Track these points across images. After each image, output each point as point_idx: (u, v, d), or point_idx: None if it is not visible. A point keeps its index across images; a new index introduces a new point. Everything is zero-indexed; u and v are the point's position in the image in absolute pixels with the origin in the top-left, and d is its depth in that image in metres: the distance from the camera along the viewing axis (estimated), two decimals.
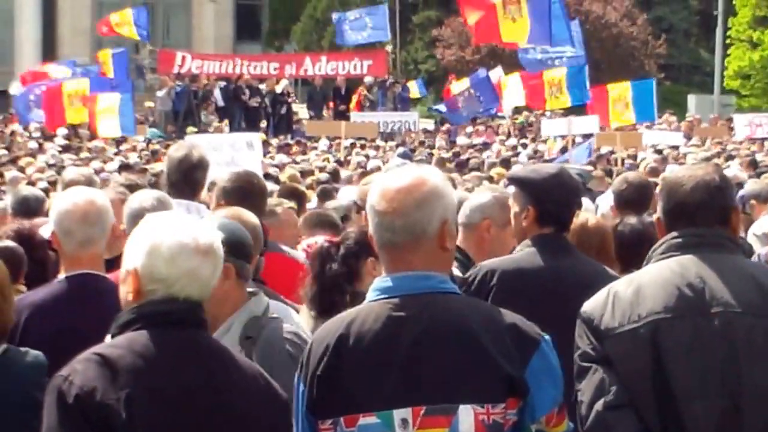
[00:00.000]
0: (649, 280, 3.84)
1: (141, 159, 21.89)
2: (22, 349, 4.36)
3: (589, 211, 7.83)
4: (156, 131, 31.18)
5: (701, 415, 3.71)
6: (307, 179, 15.27)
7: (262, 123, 32.72)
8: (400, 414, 3.31)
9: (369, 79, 35.05)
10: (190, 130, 28.82)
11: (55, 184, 12.82)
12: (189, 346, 3.41)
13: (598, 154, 21.68)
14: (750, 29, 43.31)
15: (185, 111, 32.70)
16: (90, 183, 7.79)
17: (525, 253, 5.23)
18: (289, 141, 29.22)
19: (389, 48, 37.12)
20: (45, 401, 3.32)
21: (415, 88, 37.27)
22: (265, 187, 6.78)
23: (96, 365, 3.28)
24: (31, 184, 13.24)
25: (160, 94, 33.40)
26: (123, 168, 17.79)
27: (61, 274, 4.94)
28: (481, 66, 34.67)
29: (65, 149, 24.95)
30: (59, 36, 47.95)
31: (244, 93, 33.10)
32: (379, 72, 35.58)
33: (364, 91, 34.53)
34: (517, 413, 3.35)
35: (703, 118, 35.08)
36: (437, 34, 44.78)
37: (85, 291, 4.80)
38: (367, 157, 22.64)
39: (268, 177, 12.89)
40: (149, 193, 6.35)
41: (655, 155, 21.14)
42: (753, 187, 10.38)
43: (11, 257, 5.43)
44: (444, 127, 34.99)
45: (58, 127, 27.38)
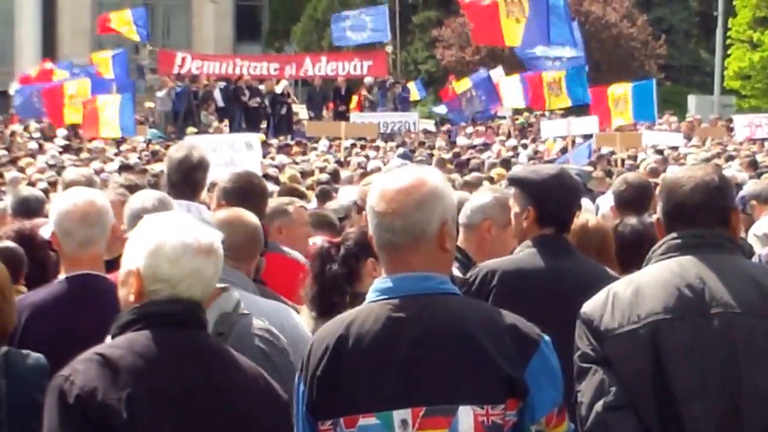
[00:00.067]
0: (648, 281, 3.84)
1: (141, 159, 21.89)
2: (23, 351, 4.36)
3: (589, 212, 7.83)
4: (156, 132, 31.15)
5: (701, 416, 3.71)
6: (307, 180, 15.27)
7: (262, 124, 32.71)
8: (399, 415, 3.31)
9: (369, 79, 35.04)
10: (190, 130, 28.81)
11: (56, 185, 12.83)
12: (190, 347, 3.41)
13: (599, 155, 21.67)
14: (750, 30, 43.29)
15: (185, 111, 32.66)
16: (90, 183, 7.78)
17: (525, 253, 5.23)
18: (289, 141, 29.21)
19: (389, 48, 37.08)
20: (46, 401, 3.32)
21: (414, 90, 37.23)
22: (266, 188, 6.77)
23: (97, 365, 3.28)
24: (31, 184, 13.25)
25: (160, 94, 33.38)
26: (123, 168, 17.78)
27: (61, 274, 4.94)
28: (481, 66, 34.67)
29: (65, 150, 24.96)
30: (59, 36, 47.97)
31: (244, 94, 33.07)
32: (379, 72, 35.56)
33: (365, 92, 34.53)
34: (516, 414, 3.35)
35: (703, 119, 35.05)
36: (437, 34, 44.77)
37: (85, 291, 4.80)
38: (367, 157, 22.64)
39: (267, 177, 12.88)
40: (150, 193, 6.35)
41: (656, 156, 21.14)
42: (753, 187, 10.38)
43: (11, 258, 5.43)
44: (444, 127, 35.00)
45: (59, 127, 27.41)
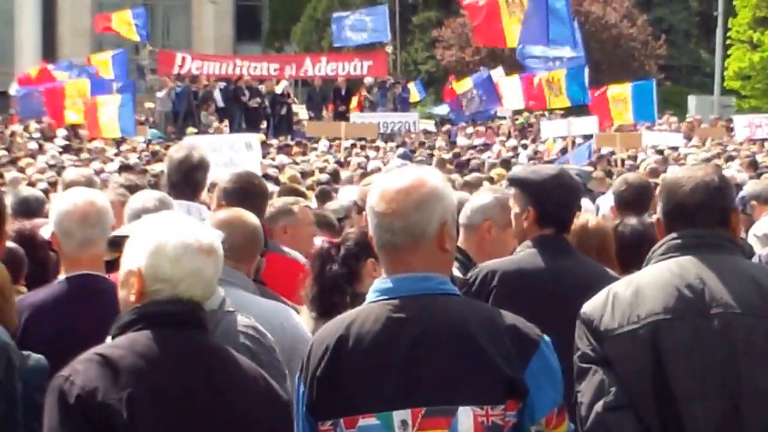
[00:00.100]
0: (648, 281, 3.84)
1: (141, 160, 21.89)
2: (24, 352, 4.36)
3: (589, 212, 7.83)
4: (156, 132, 31.14)
5: (701, 416, 3.71)
6: (307, 180, 15.26)
7: (263, 124, 32.69)
8: (399, 415, 3.31)
9: (369, 79, 35.04)
10: (190, 131, 28.79)
11: (56, 185, 12.83)
12: (190, 347, 3.41)
13: (599, 155, 21.66)
14: (750, 30, 43.28)
15: (185, 112, 32.65)
16: (90, 184, 7.78)
17: (525, 254, 5.23)
18: (289, 142, 29.20)
19: (389, 49, 37.09)
20: (46, 402, 3.31)
21: (414, 90, 37.20)
22: (266, 188, 6.77)
23: (97, 365, 3.28)
24: (31, 184, 13.25)
25: (160, 95, 33.36)
26: (123, 169, 17.78)
27: (61, 274, 4.94)
28: (481, 67, 34.66)
29: (65, 150, 24.95)
30: (59, 36, 47.96)
31: (243, 94, 33.06)
32: (379, 73, 35.56)
33: (365, 92, 34.52)
34: (516, 415, 3.34)
35: (703, 119, 35.05)
36: (437, 35, 44.78)
37: (85, 292, 4.80)
38: (367, 157, 22.63)
39: (267, 178, 12.88)
40: (151, 193, 6.35)
41: (656, 156, 21.13)
42: (753, 187, 10.37)
43: (12, 258, 5.41)
44: (444, 127, 34.99)
45: (60, 126, 27.40)
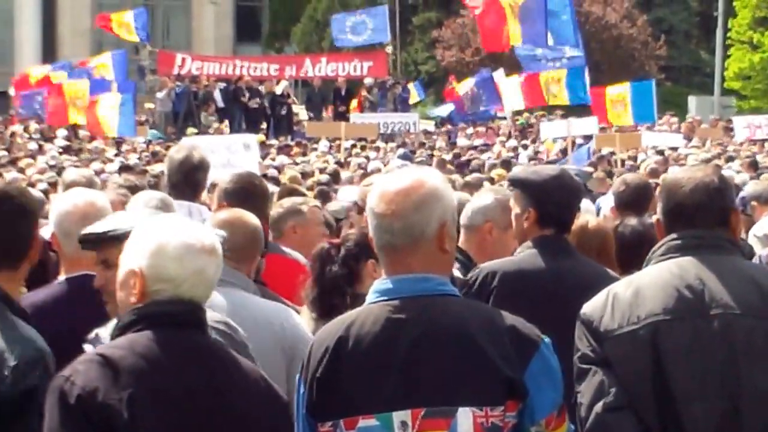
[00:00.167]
0: (648, 282, 3.84)
1: (141, 160, 21.90)
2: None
3: (589, 213, 7.82)
4: (156, 132, 31.13)
5: (701, 417, 3.71)
6: (307, 180, 15.26)
7: (263, 124, 32.68)
8: (399, 416, 3.31)
9: (369, 80, 35.02)
10: (190, 131, 28.77)
11: (56, 186, 12.82)
12: (191, 347, 3.42)
13: (599, 156, 21.64)
14: (750, 30, 43.28)
15: (185, 112, 32.63)
16: (90, 184, 7.78)
17: (526, 254, 5.23)
18: (289, 142, 29.19)
19: (389, 49, 37.08)
20: (46, 402, 3.32)
21: (414, 92, 37.17)
22: (267, 189, 6.75)
23: (98, 366, 3.29)
24: (31, 185, 13.24)
25: (160, 95, 33.34)
26: (123, 169, 17.77)
27: (61, 275, 4.94)
28: (481, 67, 34.66)
29: (65, 150, 24.94)
30: (59, 37, 47.97)
31: (243, 94, 33.04)
32: (379, 73, 35.55)
33: (365, 93, 34.51)
34: (516, 416, 3.34)
35: (703, 120, 35.06)
36: (437, 35, 44.79)
37: (85, 292, 4.78)
38: (367, 158, 22.62)
39: (265, 178, 12.87)
40: (152, 194, 6.35)
41: (656, 156, 21.12)
42: (754, 188, 10.37)
43: None
44: (444, 128, 34.97)
45: (60, 127, 27.39)
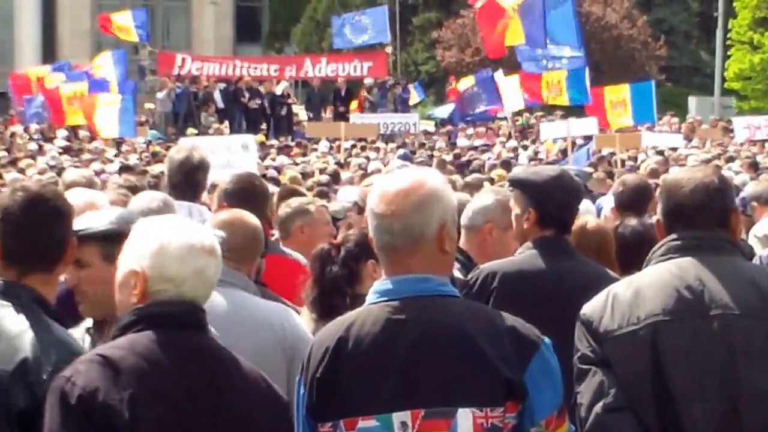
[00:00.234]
0: (648, 283, 3.84)
1: (141, 161, 21.90)
2: None
3: (589, 213, 7.82)
4: (156, 133, 31.12)
5: (700, 418, 3.72)
6: (307, 181, 15.26)
7: (263, 125, 32.66)
8: (399, 417, 3.31)
9: (369, 80, 35.01)
10: (190, 132, 28.75)
11: (56, 186, 12.79)
12: (191, 348, 3.42)
13: (599, 156, 21.62)
14: (750, 31, 43.29)
15: (185, 113, 32.62)
16: (90, 184, 7.79)
17: (526, 255, 5.23)
18: (289, 143, 29.18)
19: (389, 50, 37.07)
20: (47, 402, 3.32)
21: (414, 93, 37.15)
22: (267, 190, 6.76)
23: (98, 366, 3.29)
24: None
25: (160, 95, 33.31)
26: (123, 169, 17.77)
27: (61, 276, 4.93)
28: (481, 68, 34.65)
29: (65, 151, 24.93)
30: (59, 37, 47.97)
31: (244, 95, 33.02)
32: (379, 73, 35.52)
33: (365, 93, 34.50)
34: (516, 417, 3.34)
35: (703, 120, 35.06)
36: (437, 36, 44.79)
37: None
38: (367, 158, 22.61)
39: (265, 179, 12.85)
40: (154, 194, 6.36)
41: (656, 157, 21.11)
42: (754, 188, 10.37)
43: None
44: (444, 128, 34.96)
45: (60, 127, 27.38)
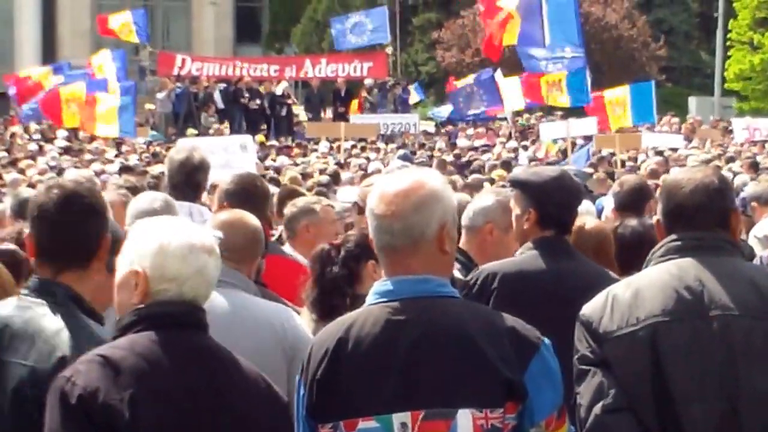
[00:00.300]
0: (647, 283, 3.84)
1: (141, 161, 21.91)
2: None
3: (589, 214, 7.83)
4: (156, 134, 31.11)
5: (700, 418, 3.72)
6: (307, 181, 15.27)
7: (263, 125, 32.65)
8: (399, 418, 3.31)
9: (369, 81, 35.00)
10: (191, 132, 28.75)
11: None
12: (191, 348, 3.42)
13: (599, 156, 21.62)
14: (750, 31, 43.29)
15: (185, 113, 32.62)
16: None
17: (526, 255, 5.23)
18: (289, 143, 29.17)
19: (389, 50, 37.05)
20: (47, 402, 3.32)
21: (414, 94, 37.13)
22: (268, 190, 6.76)
23: (99, 366, 3.29)
24: (32, 186, 13.24)
25: (160, 96, 33.31)
26: (123, 170, 17.79)
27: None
28: (481, 69, 34.63)
29: (65, 151, 24.94)
30: (59, 37, 47.96)
31: (243, 95, 33.01)
32: (379, 74, 35.51)
33: (365, 93, 34.49)
34: (516, 417, 3.34)
35: (704, 120, 35.06)
36: (437, 36, 44.79)
37: None
38: (367, 159, 22.62)
39: (264, 179, 12.84)
40: (155, 194, 6.37)
41: (657, 157, 21.11)
42: (754, 189, 10.38)
43: (13, 260, 5.43)
44: (444, 129, 34.96)
45: (59, 128, 27.34)
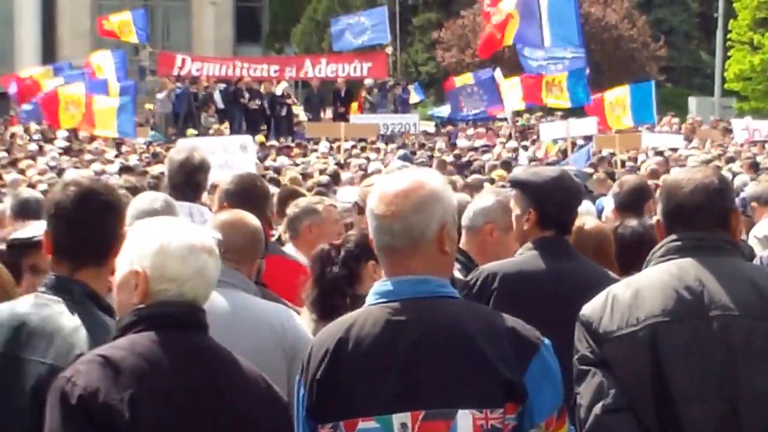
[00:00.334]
0: (647, 284, 3.85)
1: (141, 161, 21.92)
2: None
3: (589, 214, 7.83)
4: (156, 134, 31.11)
5: (700, 419, 3.72)
6: (307, 182, 15.26)
7: (263, 125, 32.65)
8: (399, 418, 3.31)
9: (369, 81, 34.99)
10: (191, 132, 28.75)
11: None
12: (191, 348, 3.42)
13: (600, 157, 21.62)
14: (750, 32, 43.29)
15: (185, 114, 32.62)
16: None
17: (526, 256, 5.23)
18: (289, 143, 29.17)
19: (389, 50, 37.05)
20: (48, 402, 3.32)
21: (414, 94, 37.13)
22: (268, 190, 6.75)
23: (99, 366, 3.29)
24: (32, 186, 13.24)
25: (160, 96, 33.31)
26: (123, 170, 17.80)
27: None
28: (481, 69, 34.63)
29: (65, 151, 24.94)
30: (59, 38, 47.97)
31: (243, 96, 33.01)
32: (379, 74, 35.50)
33: (365, 93, 34.48)
34: (516, 418, 3.34)
35: (704, 121, 35.06)
36: (437, 36, 44.79)
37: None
38: (367, 159, 22.62)
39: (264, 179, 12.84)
40: (156, 195, 6.37)
41: (657, 157, 21.11)
42: (754, 189, 10.38)
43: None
44: (445, 129, 34.96)
45: (57, 129, 27.33)
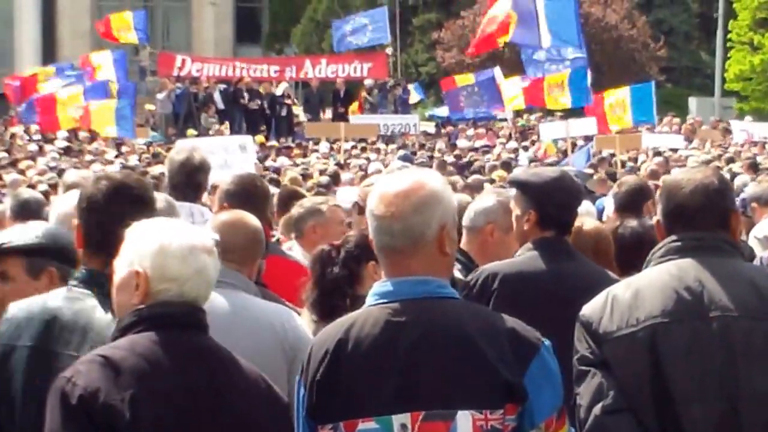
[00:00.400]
0: (647, 284, 3.85)
1: (141, 162, 21.91)
2: None
3: (589, 215, 7.83)
4: (156, 134, 31.11)
5: (700, 419, 3.72)
6: (307, 182, 15.28)
7: (263, 126, 32.65)
8: (399, 419, 3.31)
9: (369, 81, 34.99)
10: (191, 133, 28.76)
11: (56, 187, 12.83)
12: (192, 348, 3.43)
13: (600, 157, 21.61)
14: (750, 32, 43.27)
15: (185, 114, 32.63)
16: None
17: (526, 256, 5.24)
18: (289, 144, 29.17)
19: (389, 50, 37.04)
20: (48, 402, 3.32)
21: (414, 94, 37.12)
22: (268, 190, 6.74)
23: (99, 366, 3.30)
24: (32, 186, 13.24)
25: (161, 96, 33.32)
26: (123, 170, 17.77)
27: None
28: (481, 69, 34.63)
29: (65, 152, 24.95)
30: (59, 38, 47.94)
31: (243, 96, 33.01)
32: (380, 74, 35.50)
33: (365, 94, 34.48)
34: (515, 419, 3.34)
35: (704, 121, 35.04)
36: (437, 36, 44.77)
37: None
38: (368, 159, 22.61)
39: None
40: (156, 195, 6.34)
41: (657, 158, 21.12)
42: (754, 189, 10.37)
43: None
44: (445, 130, 34.95)
45: (53, 132, 27.34)
